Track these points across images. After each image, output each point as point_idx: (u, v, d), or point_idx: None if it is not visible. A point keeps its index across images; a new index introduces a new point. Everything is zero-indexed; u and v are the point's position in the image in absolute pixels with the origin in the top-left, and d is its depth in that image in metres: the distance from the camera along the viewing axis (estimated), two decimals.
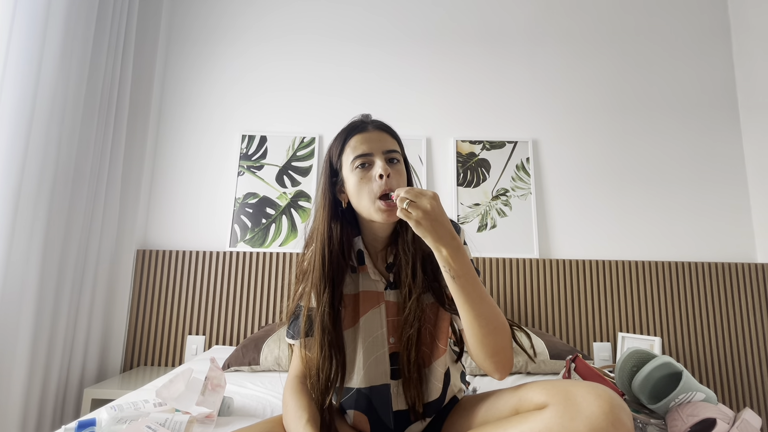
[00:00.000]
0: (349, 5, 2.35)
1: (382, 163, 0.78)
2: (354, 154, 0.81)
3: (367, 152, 0.80)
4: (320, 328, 0.80)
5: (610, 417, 0.60)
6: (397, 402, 0.84)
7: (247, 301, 2.02)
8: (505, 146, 2.24)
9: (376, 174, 0.78)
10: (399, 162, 0.82)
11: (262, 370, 1.52)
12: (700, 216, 2.20)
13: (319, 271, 0.81)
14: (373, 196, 0.78)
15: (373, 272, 0.87)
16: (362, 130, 0.83)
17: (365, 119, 0.87)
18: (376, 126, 0.85)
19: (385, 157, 0.80)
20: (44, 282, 1.57)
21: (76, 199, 1.73)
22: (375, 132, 0.83)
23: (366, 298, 0.86)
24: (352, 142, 0.82)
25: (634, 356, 1.08)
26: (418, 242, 0.83)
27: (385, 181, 0.77)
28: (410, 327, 0.81)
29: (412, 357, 0.81)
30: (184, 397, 0.95)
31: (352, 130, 0.84)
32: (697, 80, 2.32)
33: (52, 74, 1.59)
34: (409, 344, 0.81)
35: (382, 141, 0.82)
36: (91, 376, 1.83)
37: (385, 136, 0.83)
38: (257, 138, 2.21)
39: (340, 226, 0.84)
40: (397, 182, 0.79)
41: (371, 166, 0.80)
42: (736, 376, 2.01)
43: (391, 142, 0.84)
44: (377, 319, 0.86)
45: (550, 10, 2.37)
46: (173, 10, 2.31)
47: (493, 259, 2.09)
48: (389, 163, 0.81)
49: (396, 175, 0.80)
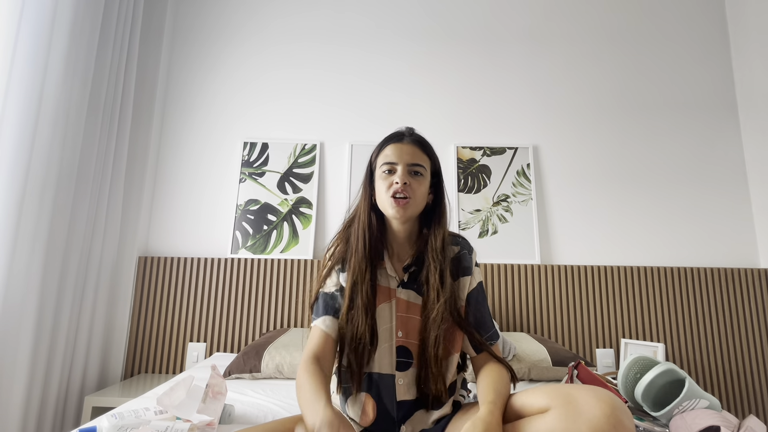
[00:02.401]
0: (350, 14, 2.37)
1: (402, 174, 0.90)
2: (384, 160, 0.93)
3: (393, 161, 0.92)
4: (364, 300, 0.89)
5: (612, 419, 0.61)
6: (400, 392, 0.89)
7: (249, 308, 2.02)
8: (505, 152, 2.24)
9: (395, 179, 0.91)
10: (421, 176, 0.93)
11: (263, 378, 1.52)
12: (702, 221, 2.20)
13: (362, 253, 0.92)
14: (388, 194, 0.91)
15: (390, 269, 0.95)
16: (398, 140, 0.95)
17: (405, 132, 0.97)
18: (413, 140, 0.95)
19: (408, 168, 0.92)
20: (46, 288, 1.58)
21: (78, 206, 1.74)
22: (408, 145, 0.94)
23: (380, 292, 0.94)
24: (386, 149, 0.94)
25: (637, 363, 1.07)
26: (446, 251, 0.93)
27: (401, 186, 0.90)
28: (437, 328, 0.88)
29: (440, 353, 0.88)
30: (185, 405, 0.95)
31: (390, 139, 0.96)
32: (696, 83, 2.33)
33: (57, 80, 1.60)
34: (436, 343, 0.88)
35: (411, 154, 0.93)
36: (92, 383, 1.83)
37: (416, 151, 0.94)
38: (259, 145, 2.22)
39: (377, 216, 0.96)
40: (412, 191, 0.91)
41: (394, 173, 0.92)
42: (741, 382, 2.00)
43: (420, 157, 0.94)
44: (388, 313, 0.92)
45: (549, 16, 2.39)
46: (176, 19, 2.33)
47: (494, 265, 2.09)
48: (411, 174, 0.92)
49: (415, 184, 0.91)
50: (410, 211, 0.91)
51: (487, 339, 0.93)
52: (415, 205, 0.92)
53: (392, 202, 0.90)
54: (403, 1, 2.39)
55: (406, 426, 0.88)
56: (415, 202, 0.91)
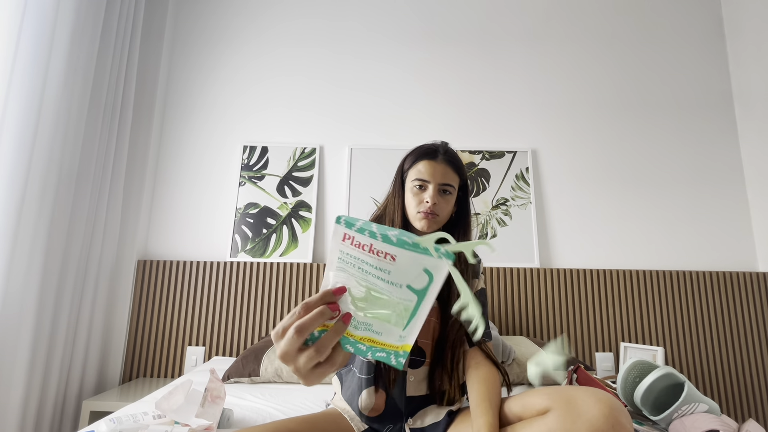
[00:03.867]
0: (349, 18, 2.38)
1: (433, 193, 0.95)
2: (416, 176, 0.97)
3: (425, 179, 0.96)
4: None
5: (611, 420, 0.62)
6: (410, 388, 0.93)
7: (248, 312, 2.01)
8: (504, 156, 2.25)
9: (425, 197, 0.95)
10: (450, 194, 0.98)
11: (262, 382, 1.51)
12: (700, 224, 2.20)
13: None
14: (417, 208, 0.96)
15: None
16: (432, 157, 0.98)
17: (439, 149, 1.00)
18: (446, 159, 0.98)
19: (439, 188, 0.96)
20: (44, 292, 1.57)
21: (77, 209, 1.74)
22: (441, 165, 0.97)
23: None
24: (420, 165, 0.98)
25: (636, 367, 1.07)
26: (464, 257, 0.97)
27: (431, 205, 0.95)
28: (455, 332, 0.94)
29: (458, 357, 0.94)
30: (184, 409, 0.95)
31: (425, 154, 0.99)
32: (693, 85, 2.34)
33: (58, 84, 1.60)
34: (455, 345, 0.94)
35: (444, 174, 0.97)
36: (90, 387, 1.82)
37: (448, 171, 0.98)
38: (258, 149, 2.22)
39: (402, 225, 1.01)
40: (441, 208, 0.96)
41: (425, 189, 0.97)
42: (740, 386, 1.99)
43: (452, 177, 0.98)
44: None
45: (547, 19, 2.40)
46: (177, 23, 2.34)
47: (493, 269, 2.09)
48: (441, 193, 0.97)
49: (443, 203, 0.97)
50: (436, 227, 0.97)
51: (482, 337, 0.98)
52: (440, 221, 0.98)
53: (421, 217, 0.96)
54: (401, 6, 2.40)
55: (414, 419, 0.91)
56: (442, 218, 0.97)
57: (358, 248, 0.46)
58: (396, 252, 0.45)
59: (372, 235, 0.45)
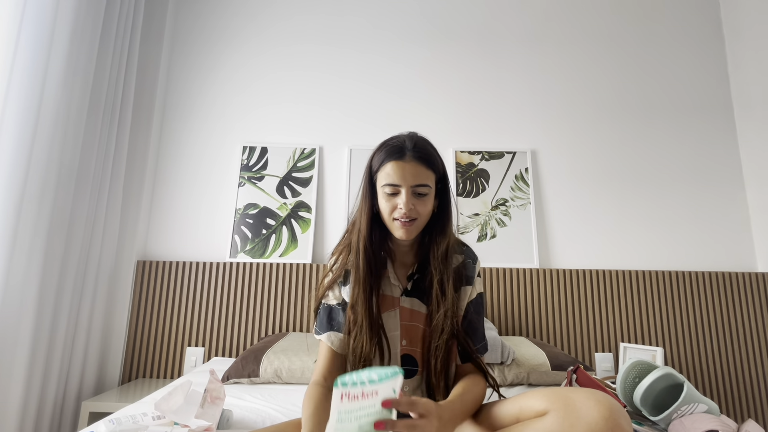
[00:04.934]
0: (348, 17, 2.38)
1: (407, 199, 0.85)
2: (386, 180, 0.87)
3: (396, 183, 0.86)
4: (368, 315, 0.87)
5: (610, 422, 0.62)
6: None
7: (247, 313, 2.01)
8: (503, 156, 2.25)
9: (399, 203, 0.86)
10: (426, 195, 0.88)
11: (261, 383, 1.51)
12: (700, 225, 2.21)
13: (364, 268, 0.89)
14: (392, 215, 0.88)
15: (393, 277, 0.95)
16: (400, 157, 0.87)
17: (405, 146, 0.88)
18: (415, 156, 0.87)
19: (412, 191, 0.86)
20: (44, 293, 1.57)
21: (77, 210, 1.74)
22: (411, 164, 0.86)
23: (384, 300, 0.93)
24: (387, 167, 0.87)
25: (635, 367, 1.07)
26: (449, 260, 0.91)
27: (406, 211, 0.86)
28: (437, 338, 0.88)
29: (438, 366, 0.87)
30: (183, 410, 0.94)
31: (391, 154, 0.88)
32: (693, 86, 2.34)
33: (57, 83, 1.60)
34: (437, 353, 0.87)
35: (415, 175, 0.86)
36: (89, 388, 1.82)
37: (419, 170, 0.87)
38: (258, 149, 2.22)
39: (379, 228, 0.93)
40: (419, 211, 0.87)
41: (398, 194, 0.87)
42: (739, 386, 2.00)
43: (424, 175, 0.87)
44: (392, 321, 0.92)
45: (547, 19, 2.41)
46: (176, 22, 2.34)
47: (493, 269, 2.09)
48: (415, 196, 0.87)
49: (420, 206, 0.87)
50: (416, 231, 0.89)
51: (476, 351, 0.92)
52: (421, 224, 0.89)
53: (398, 225, 0.88)
54: (402, 5, 2.41)
55: None
56: (421, 221, 0.89)
57: (353, 400, 0.57)
58: (379, 387, 0.58)
59: (362, 384, 0.57)
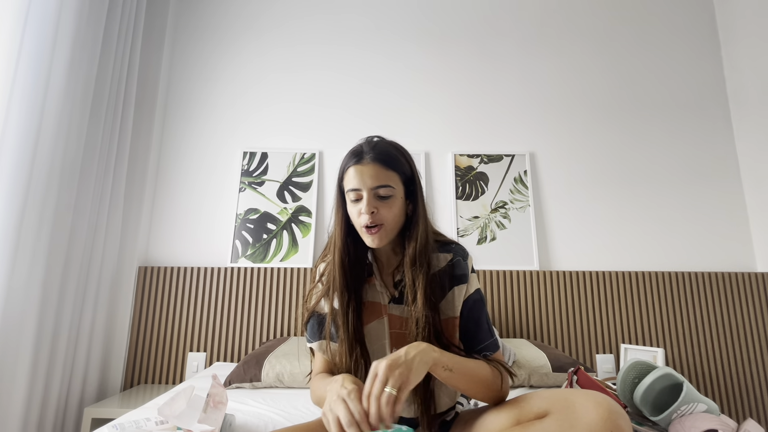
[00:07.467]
0: (348, 20, 2.40)
1: (367, 202, 0.83)
2: (348, 186, 0.86)
3: (356, 187, 0.85)
4: (346, 329, 0.86)
5: (609, 424, 0.62)
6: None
7: (249, 317, 2.02)
8: (502, 159, 2.26)
9: (362, 209, 0.84)
10: (390, 197, 0.85)
11: (263, 387, 1.52)
12: (699, 225, 2.21)
13: (340, 281, 0.87)
14: (359, 222, 0.86)
15: (380, 284, 0.92)
16: (358, 161, 0.85)
17: (363, 149, 0.87)
18: (373, 158, 0.85)
19: (372, 193, 0.84)
20: (46, 298, 1.58)
21: (78, 216, 1.75)
22: (369, 166, 0.84)
23: (371, 309, 0.91)
24: (349, 172, 0.86)
25: (635, 368, 1.08)
26: (419, 266, 0.85)
27: (369, 216, 0.83)
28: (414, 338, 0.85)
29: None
30: (186, 415, 0.95)
31: (350, 159, 0.87)
32: (689, 86, 2.36)
33: (60, 87, 1.61)
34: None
35: (374, 176, 0.84)
36: (92, 394, 1.82)
37: (379, 171, 0.84)
38: (258, 154, 2.24)
39: (354, 238, 0.90)
40: (383, 215, 0.84)
41: (360, 199, 0.85)
42: (739, 386, 2.00)
43: (384, 176, 0.84)
44: (380, 329, 0.90)
45: (543, 24, 2.43)
46: (177, 27, 2.36)
47: (493, 272, 2.10)
48: (377, 199, 0.84)
49: (384, 209, 0.84)
50: (386, 237, 0.86)
51: (482, 350, 0.87)
52: (390, 229, 0.86)
53: (365, 232, 0.85)
54: (400, 7, 2.43)
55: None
56: (389, 226, 0.85)
57: None
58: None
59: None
